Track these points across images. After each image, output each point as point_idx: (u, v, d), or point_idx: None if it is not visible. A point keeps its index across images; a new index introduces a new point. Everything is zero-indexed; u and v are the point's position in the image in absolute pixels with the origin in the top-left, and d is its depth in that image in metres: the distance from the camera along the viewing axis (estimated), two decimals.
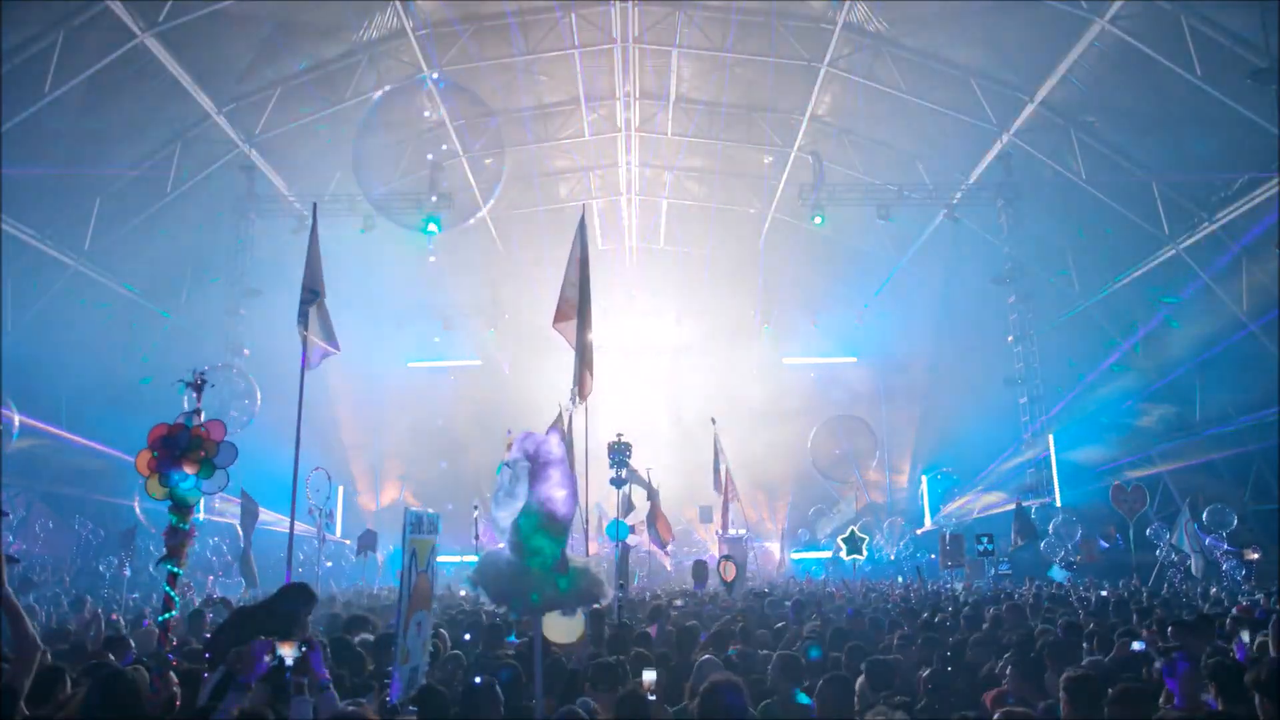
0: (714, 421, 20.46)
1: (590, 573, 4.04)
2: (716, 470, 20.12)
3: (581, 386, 8.60)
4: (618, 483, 14.14)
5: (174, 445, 4.32)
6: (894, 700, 5.17)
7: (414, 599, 4.73)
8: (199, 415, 4.48)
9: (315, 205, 9.97)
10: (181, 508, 4.37)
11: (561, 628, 4.63)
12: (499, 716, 4.88)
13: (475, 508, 18.87)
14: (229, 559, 18.57)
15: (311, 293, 8.60)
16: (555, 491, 3.70)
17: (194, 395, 4.80)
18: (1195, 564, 17.28)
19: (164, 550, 4.62)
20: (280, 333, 23.67)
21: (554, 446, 3.82)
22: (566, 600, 3.96)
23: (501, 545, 4.01)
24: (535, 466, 3.71)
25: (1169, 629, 6.74)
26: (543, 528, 3.71)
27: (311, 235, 9.09)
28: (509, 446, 3.92)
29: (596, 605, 5.79)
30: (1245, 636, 6.06)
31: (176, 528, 4.40)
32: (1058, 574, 20.66)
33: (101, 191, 19.89)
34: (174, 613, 4.82)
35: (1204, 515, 18.14)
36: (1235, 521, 17.91)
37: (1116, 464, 23.13)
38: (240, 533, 18.50)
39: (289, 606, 4.99)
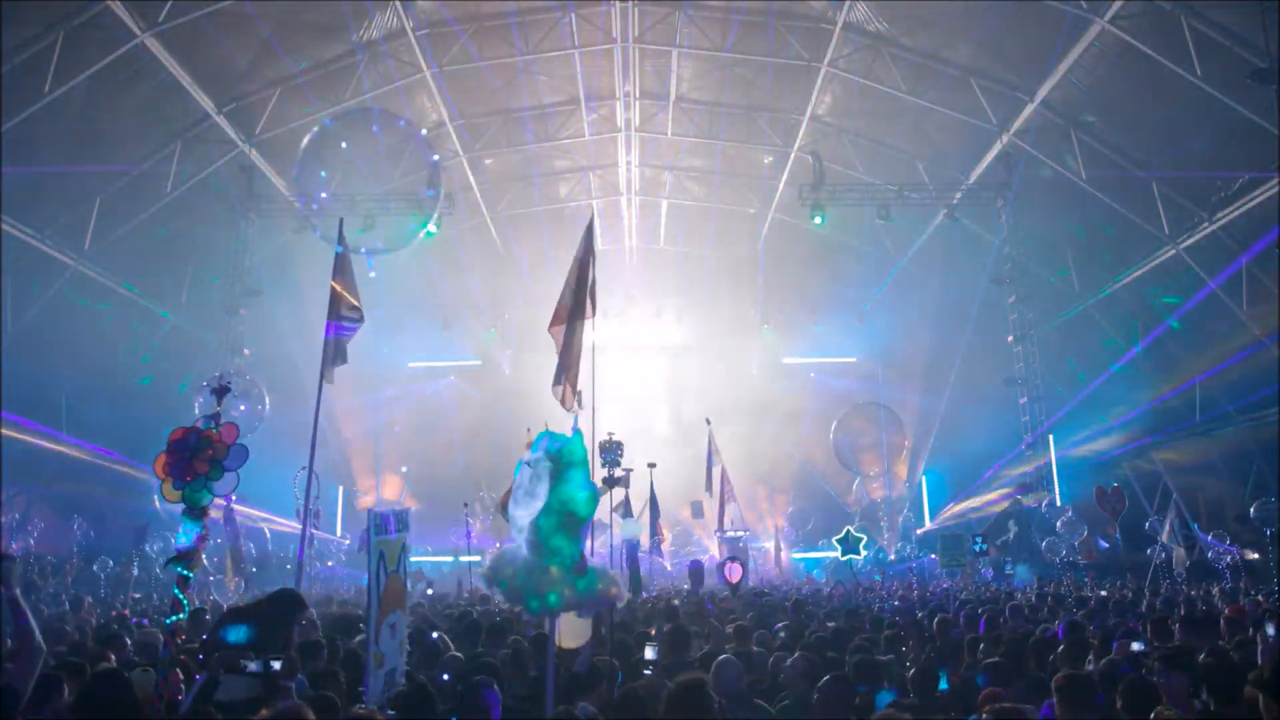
0: (709, 422, 20.45)
1: (608, 575, 4.02)
2: (709, 471, 20.12)
3: (564, 399, 8.37)
4: (610, 482, 14.17)
5: (185, 447, 4.31)
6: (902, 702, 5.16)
7: (386, 601, 4.70)
8: (218, 419, 4.47)
9: (341, 220, 9.80)
10: (194, 510, 4.36)
11: (572, 630, 4.61)
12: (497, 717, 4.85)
13: (466, 505, 18.97)
14: (244, 564, 18.56)
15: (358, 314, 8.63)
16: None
17: (214, 400, 4.78)
18: (1175, 558, 17.28)
19: (173, 551, 4.60)
20: (280, 333, 23.77)
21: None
22: (584, 602, 3.94)
23: (499, 545, 4.00)
24: (557, 467, 3.71)
25: (1176, 626, 6.75)
26: (562, 528, 3.70)
27: (342, 258, 9.01)
28: (528, 445, 3.91)
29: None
30: (1270, 630, 6.00)
31: (189, 530, 4.38)
32: (1023, 572, 20.73)
33: (101, 191, 19.84)
34: (181, 615, 4.78)
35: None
36: None
37: (1116, 463, 23.18)
38: (226, 535, 18.49)
39: (277, 614, 4.94)
